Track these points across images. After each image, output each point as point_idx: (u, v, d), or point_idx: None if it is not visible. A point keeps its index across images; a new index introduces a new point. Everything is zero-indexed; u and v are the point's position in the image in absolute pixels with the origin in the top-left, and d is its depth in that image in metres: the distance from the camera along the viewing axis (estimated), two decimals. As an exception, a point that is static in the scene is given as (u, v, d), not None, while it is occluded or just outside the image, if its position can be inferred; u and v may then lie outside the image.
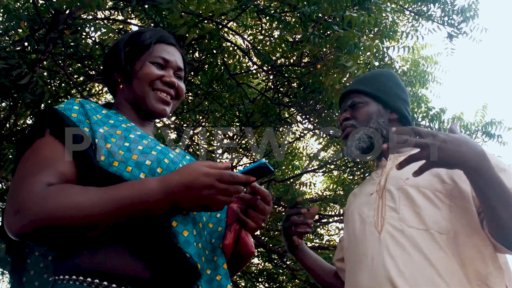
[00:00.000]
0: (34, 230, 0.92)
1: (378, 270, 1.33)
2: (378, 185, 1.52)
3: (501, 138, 5.25)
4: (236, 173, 1.01)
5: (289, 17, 3.76)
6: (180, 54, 1.34)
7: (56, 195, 0.94)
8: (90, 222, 0.93)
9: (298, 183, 6.28)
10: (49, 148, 1.02)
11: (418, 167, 1.26)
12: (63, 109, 1.09)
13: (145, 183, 0.98)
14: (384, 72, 1.76)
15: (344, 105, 1.69)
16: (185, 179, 0.97)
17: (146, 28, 1.35)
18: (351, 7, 3.31)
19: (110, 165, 1.02)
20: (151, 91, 1.24)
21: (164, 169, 1.05)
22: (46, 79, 3.67)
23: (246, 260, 1.24)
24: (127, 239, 0.98)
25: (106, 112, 1.17)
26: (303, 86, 4.13)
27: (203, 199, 0.98)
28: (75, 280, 0.94)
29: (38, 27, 2.97)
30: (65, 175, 1.00)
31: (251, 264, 7.19)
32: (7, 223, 0.95)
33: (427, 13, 4.82)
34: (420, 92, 5.89)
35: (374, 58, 4.24)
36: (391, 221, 1.38)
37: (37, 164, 1.00)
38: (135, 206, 0.95)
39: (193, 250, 1.01)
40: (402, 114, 1.63)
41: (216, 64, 4.00)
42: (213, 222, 1.18)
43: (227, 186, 0.99)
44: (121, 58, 1.26)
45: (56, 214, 0.91)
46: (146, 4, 3.37)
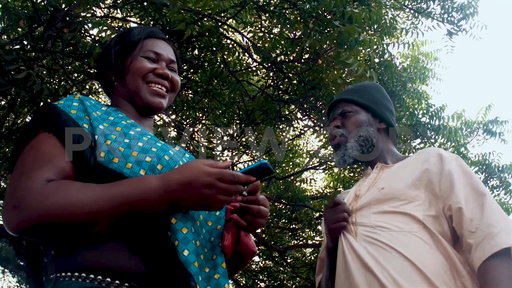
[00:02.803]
0: (33, 226, 0.91)
1: (354, 272, 1.36)
2: (358, 190, 1.59)
3: (503, 135, 5.24)
4: (237, 173, 1.00)
5: (289, 14, 3.74)
6: (171, 48, 1.34)
7: (55, 191, 0.93)
8: (89, 219, 0.92)
9: (299, 180, 6.28)
10: (48, 144, 1.02)
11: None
12: (62, 105, 1.08)
13: (145, 180, 0.97)
14: (372, 84, 1.84)
15: (333, 113, 1.73)
16: (185, 178, 0.97)
17: (134, 27, 1.36)
18: (351, 3, 3.30)
19: (110, 162, 1.01)
20: (145, 85, 1.23)
21: (164, 166, 1.04)
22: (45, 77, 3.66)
23: (247, 259, 1.23)
24: (127, 235, 0.97)
25: (106, 109, 1.17)
26: (303, 82, 4.13)
27: (203, 198, 0.98)
28: (78, 277, 0.93)
29: (36, 25, 2.97)
30: (64, 170, 1.00)
31: (251, 262, 7.19)
32: (5, 218, 0.94)
33: (426, 10, 4.80)
34: (421, 89, 5.88)
35: (374, 54, 4.22)
36: (365, 228, 1.43)
37: (36, 160, 0.99)
38: (135, 204, 0.95)
39: (191, 247, 1.00)
40: (390, 124, 1.69)
41: (216, 61, 3.99)
42: (212, 220, 1.16)
43: (227, 186, 0.98)
44: (111, 56, 1.26)
45: (55, 210, 0.91)
46: (145, 2, 3.36)
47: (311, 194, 6.47)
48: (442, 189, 1.41)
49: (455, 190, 1.38)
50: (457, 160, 1.47)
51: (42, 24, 2.92)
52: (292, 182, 5.91)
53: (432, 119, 4.95)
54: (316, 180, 6.63)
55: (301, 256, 7.23)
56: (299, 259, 7.16)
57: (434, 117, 4.94)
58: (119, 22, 4.30)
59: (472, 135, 5.55)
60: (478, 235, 1.28)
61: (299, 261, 7.05)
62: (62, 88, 3.93)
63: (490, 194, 1.39)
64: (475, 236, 1.29)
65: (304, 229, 6.42)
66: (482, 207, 1.32)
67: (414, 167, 1.50)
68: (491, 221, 1.29)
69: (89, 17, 3.32)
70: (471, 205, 1.34)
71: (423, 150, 1.58)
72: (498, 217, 1.30)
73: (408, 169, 1.51)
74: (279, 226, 6.37)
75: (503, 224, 1.28)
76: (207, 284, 1.06)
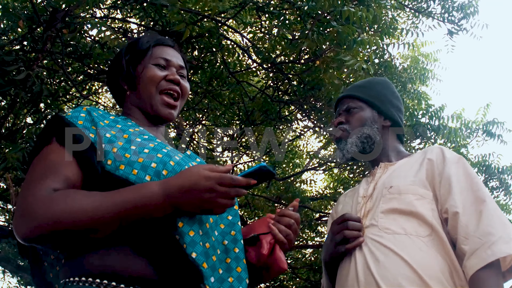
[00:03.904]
0: (40, 234, 0.95)
1: (361, 275, 1.35)
2: (365, 191, 1.56)
3: (501, 137, 5.24)
4: (236, 176, 1.02)
5: (288, 14, 3.74)
6: (179, 54, 1.37)
7: (60, 200, 0.97)
8: (93, 226, 0.96)
9: (299, 181, 6.28)
10: (55, 154, 1.06)
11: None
12: (70, 117, 1.12)
13: (147, 187, 1.00)
14: (381, 80, 1.81)
15: (339, 109, 1.72)
16: (186, 183, 0.99)
17: (143, 35, 1.38)
18: (350, 2, 3.30)
19: (116, 169, 1.04)
20: (158, 95, 1.26)
21: (170, 171, 1.06)
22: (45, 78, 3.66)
23: (273, 274, 1.23)
24: (133, 239, 1.00)
25: (114, 118, 1.20)
26: (303, 83, 4.12)
27: (204, 202, 1.00)
28: (85, 281, 0.96)
29: (36, 26, 2.97)
30: (70, 179, 1.03)
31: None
32: (15, 227, 0.98)
33: (427, 10, 4.81)
34: (420, 89, 5.88)
35: (374, 54, 4.22)
36: (372, 230, 1.41)
37: (44, 170, 1.03)
38: (137, 210, 0.97)
39: (199, 249, 1.01)
40: (395, 121, 1.67)
41: (216, 62, 3.99)
42: (225, 224, 1.18)
43: (227, 189, 1.00)
44: (123, 64, 1.29)
45: (60, 219, 0.94)
46: (144, 2, 3.36)
47: (311, 195, 6.46)
48: (441, 190, 1.40)
49: (453, 193, 1.36)
50: (460, 162, 1.44)
51: (42, 25, 2.92)
52: (292, 183, 5.91)
53: (432, 120, 4.95)
54: (316, 181, 6.63)
55: (301, 256, 7.23)
56: (299, 259, 7.16)
57: (434, 117, 4.94)
58: (119, 23, 4.30)
59: (471, 136, 5.54)
60: (474, 242, 1.26)
61: (299, 262, 7.05)
62: (61, 89, 3.93)
63: (491, 200, 1.35)
64: (470, 243, 1.27)
65: (304, 230, 6.42)
66: (481, 214, 1.30)
67: (420, 166, 1.48)
68: (489, 229, 1.26)
69: (88, 17, 3.32)
70: (469, 211, 1.32)
71: (428, 148, 1.56)
72: (497, 224, 1.27)
73: (414, 167, 1.49)
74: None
75: (502, 232, 1.25)
76: (221, 285, 1.07)
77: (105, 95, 5.59)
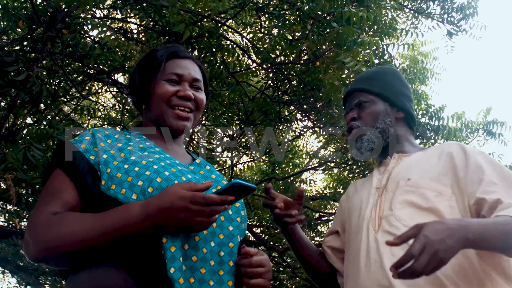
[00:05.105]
0: (44, 256, 1.05)
1: (375, 267, 1.33)
2: (379, 182, 1.52)
3: (502, 137, 5.24)
4: (209, 194, 1.02)
5: (288, 15, 3.74)
6: (195, 65, 1.36)
7: (55, 224, 1.05)
8: (83, 247, 1.03)
9: (298, 181, 6.28)
10: (58, 180, 1.14)
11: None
12: (75, 141, 1.19)
13: (128, 209, 1.05)
14: (388, 69, 1.75)
15: (350, 103, 1.67)
16: (164, 203, 1.02)
17: (159, 47, 1.40)
18: (349, 3, 3.30)
19: (108, 189, 1.10)
20: (169, 109, 1.28)
21: (156, 188, 1.08)
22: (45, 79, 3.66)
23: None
24: (121, 256, 1.04)
25: (118, 136, 1.24)
26: (303, 83, 4.12)
27: (182, 221, 1.02)
28: None
29: (36, 26, 2.96)
30: (70, 203, 1.11)
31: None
32: (23, 249, 1.10)
33: (426, 11, 4.81)
34: (420, 89, 5.88)
35: (373, 55, 4.22)
36: (388, 220, 1.38)
37: (47, 195, 1.13)
38: (120, 232, 1.02)
39: (177, 264, 1.03)
40: (408, 112, 1.63)
41: (215, 62, 3.99)
42: (225, 234, 1.17)
43: (201, 208, 1.01)
44: (136, 83, 1.33)
45: (54, 243, 1.03)
46: (144, 3, 3.36)
47: (310, 195, 6.46)
48: (467, 182, 1.35)
49: (485, 181, 1.31)
50: (483, 153, 1.42)
51: (42, 25, 2.92)
52: (292, 182, 5.91)
53: (432, 120, 4.95)
54: (316, 181, 6.62)
55: (301, 256, 7.21)
56: (299, 259, 7.15)
57: (434, 117, 4.94)
58: (119, 23, 4.29)
59: (472, 136, 5.54)
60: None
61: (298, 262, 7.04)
62: (61, 89, 3.93)
63: None
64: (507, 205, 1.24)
65: (303, 229, 6.42)
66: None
67: (437, 160, 1.45)
68: None
69: (88, 18, 3.32)
70: (508, 194, 1.28)
71: (444, 143, 1.53)
72: None
73: (431, 162, 1.46)
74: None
75: None
76: None
77: (105, 95, 5.59)
